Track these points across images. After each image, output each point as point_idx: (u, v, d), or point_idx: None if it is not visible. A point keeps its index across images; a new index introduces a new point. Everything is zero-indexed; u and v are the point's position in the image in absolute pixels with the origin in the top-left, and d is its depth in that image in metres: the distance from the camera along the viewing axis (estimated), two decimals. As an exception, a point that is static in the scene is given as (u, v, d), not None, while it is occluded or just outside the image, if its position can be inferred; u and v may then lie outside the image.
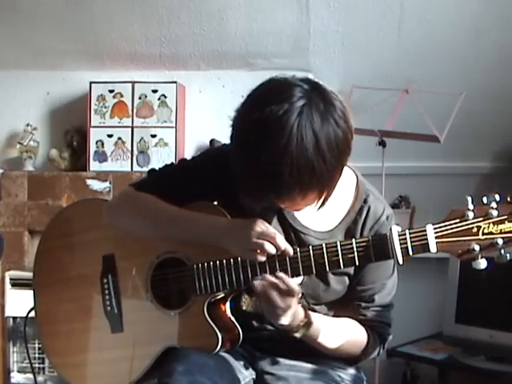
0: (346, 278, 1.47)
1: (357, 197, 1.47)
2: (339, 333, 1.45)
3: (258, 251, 1.33)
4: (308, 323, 1.38)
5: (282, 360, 1.51)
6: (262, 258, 1.33)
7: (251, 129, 1.22)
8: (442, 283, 2.76)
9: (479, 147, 3.05)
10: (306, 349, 1.44)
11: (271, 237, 1.32)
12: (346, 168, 1.33)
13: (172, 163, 1.60)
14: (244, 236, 1.33)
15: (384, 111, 2.62)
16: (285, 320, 1.35)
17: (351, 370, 1.55)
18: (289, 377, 1.46)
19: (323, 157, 1.20)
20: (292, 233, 1.45)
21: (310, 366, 1.51)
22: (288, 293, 1.32)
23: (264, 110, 1.20)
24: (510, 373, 2.46)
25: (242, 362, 1.49)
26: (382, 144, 2.66)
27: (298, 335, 1.39)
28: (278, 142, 1.18)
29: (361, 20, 2.79)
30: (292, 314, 1.35)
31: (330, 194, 1.29)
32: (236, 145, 1.27)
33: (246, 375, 1.48)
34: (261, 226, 1.33)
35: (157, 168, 1.59)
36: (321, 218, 1.45)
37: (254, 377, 1.50)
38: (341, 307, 1.49)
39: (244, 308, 1.49)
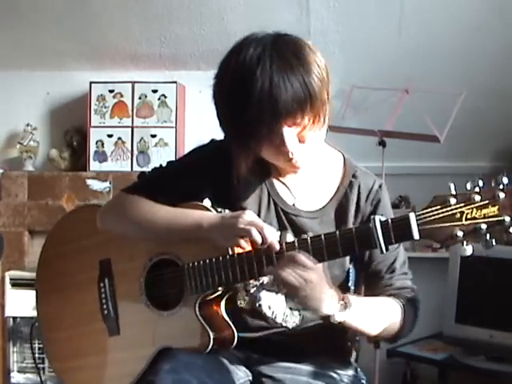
0: (347, 261, 1.45)
1: (345, 173, 1.50)
2: (378, 310, 1.42)
3: (244, 239, 1.31)
4: (346, 303, 1.32)
5: (278, 362, 1.49)
6: (247, 246, 1.32)
7: (237, 72, 1.31)
8: (442, 283, 2.75)
9: (479, 147, 3.05)
10: (303, 350, 1.42)
11: (260, 227, 1.31)
12: (331, 148, 1.45)
13: (161, 165, 1.60)
14: (232, 224, 1.33)
15: (384, 111, 2.62)
16: (321, 304, 1.29)
17: (350, 371, 1.53)
18: (286, 379, 1.45)
19: (308, 68, 1.31)
20: (284, 216, 1.46)
21: (307, 367, 1.48)
22: (302, 264, 1.26)
23: (239, 56, 1.31)
24: (510, 373, 2.46)
25: (237, 365, 1.48)
26: (382, 144, 2.66)
27: (339, 319, 1.31)
28: (265, 68, 1.28)
29: (361, 20, 2.79)
30: (325, 295, 1.29)
31: (325, 116, 1.34)
32: (225, 99, 1.34)
33: (241, 376, 1.46)
34: (250, 216, 1.33)
35: (146, 171, 1.60)
36: (311, 197, 1.48)
37: (251, 378, 1.49)
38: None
39: (242, 305, 1.47)
